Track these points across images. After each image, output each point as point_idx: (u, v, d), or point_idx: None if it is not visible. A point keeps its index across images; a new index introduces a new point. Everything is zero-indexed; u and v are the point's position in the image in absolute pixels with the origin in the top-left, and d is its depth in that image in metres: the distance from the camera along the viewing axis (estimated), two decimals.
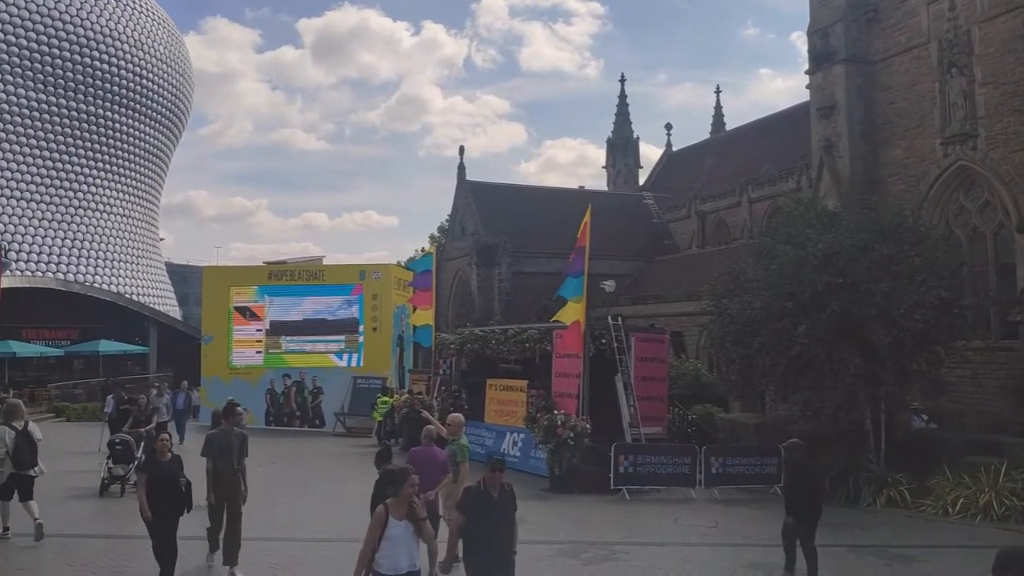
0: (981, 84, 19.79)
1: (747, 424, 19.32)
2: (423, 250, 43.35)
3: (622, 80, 51.49)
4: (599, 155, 55.45)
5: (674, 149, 49.76)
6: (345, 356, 28.18)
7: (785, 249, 16.50)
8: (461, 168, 42.33)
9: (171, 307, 59.86)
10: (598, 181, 54.70)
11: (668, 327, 27.57)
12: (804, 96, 25.07)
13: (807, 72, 24.08)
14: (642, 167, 50.46)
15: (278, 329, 28.89)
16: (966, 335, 16.61)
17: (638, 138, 50.49)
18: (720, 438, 19.06)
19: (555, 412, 16.46)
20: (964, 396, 18.12)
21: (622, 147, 49.98)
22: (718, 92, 51.90)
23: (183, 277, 75.50)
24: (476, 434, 19.19)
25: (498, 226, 38.43)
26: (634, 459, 15.72)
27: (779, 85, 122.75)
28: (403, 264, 43.56)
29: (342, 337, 28.33)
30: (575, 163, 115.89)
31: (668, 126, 50.41)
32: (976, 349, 17.67)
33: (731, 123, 49.09)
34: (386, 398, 23.92)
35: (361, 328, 28.08)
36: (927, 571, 11.04)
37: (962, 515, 13.84)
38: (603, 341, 17.68)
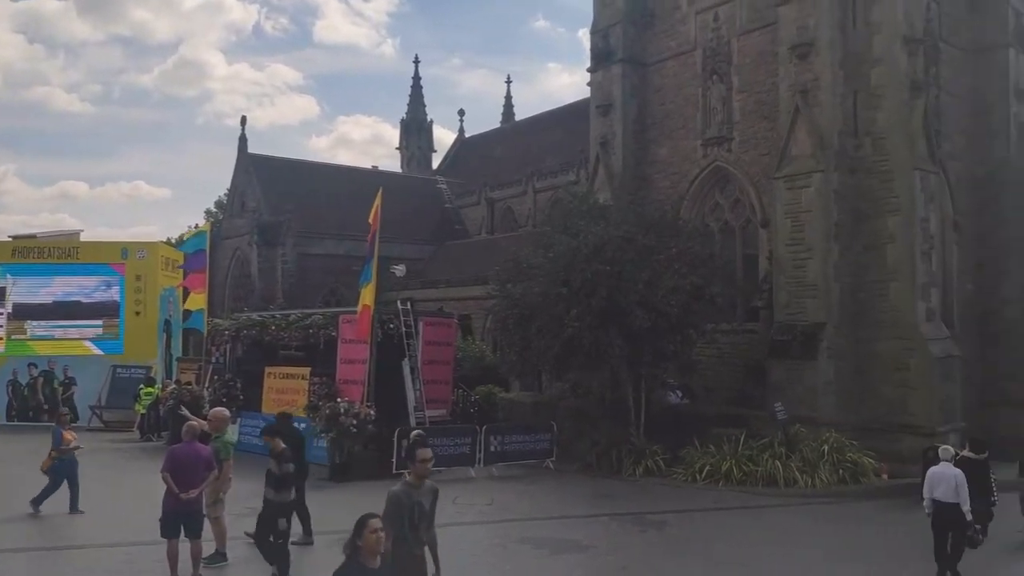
0: (737, 92, 21.88)
1: (525, 402, 20.24)
2: (197, 227, 40.34)
3: (416, 62, 51.23)
4: (394, 135, 54.98)
5: (467, 135, 50.48)
6: (103, 343, 25.68)
7: (561, 238, 17.46)
8: (242, 139, 39.99)
9: None
10: (393, 161, 54.28)
11: (457, 311, 28.01)
12: (587, 92, 26.36)
13: (588, 70, 25.31)
14: (436, 150, 50.74)
15: (23, 313, 25.66)
16: (715, 319, 18.56)
17: (431, 121, 50.72)
18: (500, 417, 19.76)
19: (338, 400, 16.16)
20: (713, 374, 20.12)
21: (416, 129, 49.90)
22: (508, 82, 53.50)
23: None
24: (253, 425, 18.31)
25: (283, 204, 36.76)
26: None
27: (566, 79, 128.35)
28: (172, 242, 40.51)
29: (100, 322, 25.80)
30: (370, 141, 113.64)
31: (461, 112, 51.11)
32: (724, 331, 19.75)
33: (521, 113, 50.70)
34: (150, 389, 22.23)
35: (122, 312, 25.73)
36: (676, 534, 12.23)
37: (707, 481, 15.49)
38: (391, 326, 17.63)
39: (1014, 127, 21.01)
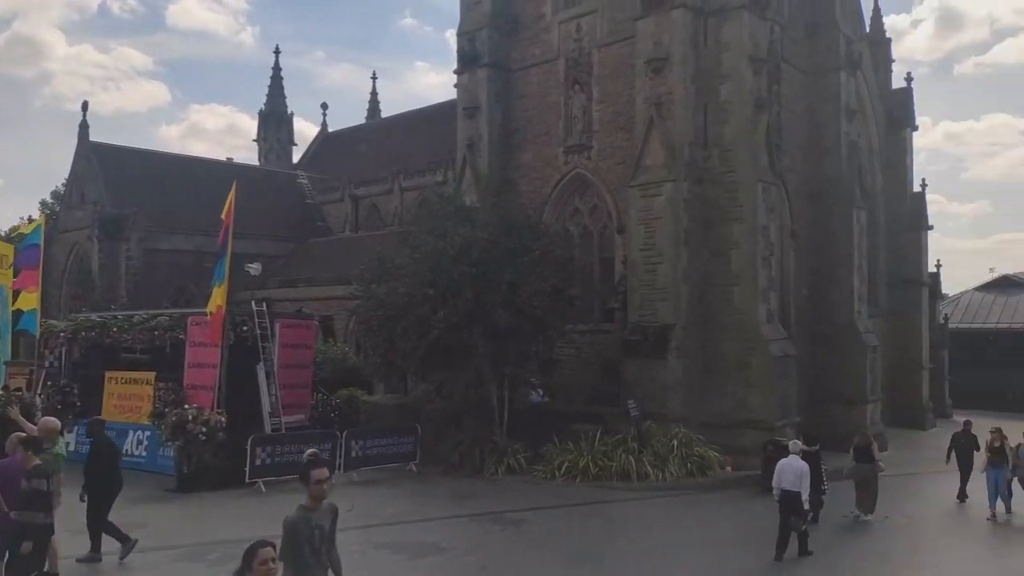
0: (597, 102, 22.57)
1: (388, 405, 20.04)
2: (30, 219, 36.92)
3: (277, 52, 49.34)
4: (252, 126, 52.69)
5: (330, 130, 49.21)
6: None
7: (427, 239, 17.49)
8: (83, 126, 37.03)
9: None
10: (250, 153, 51.72)
11: (318, 311, 27.30)
12: (455, 93, 26.35)
13: (455, 72, 25.36)
14: (296, 144, 49.01)
15: None
16: (574, 319, 19.15)
17: (292, 114, 48.91)
18: (362, 420, 19.47)
19: (186, 406, 15.37)
20: (572, 372, 20.66)
21: (275, 122, 48.06)
22: (374, 79, 52.73)
23: None
24: None
25: (129, 196, 34.29)
26: (272, 450, 15.34)
27: (434, 79, 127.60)
28: (2, 235, 36.94)
29: None
30: (225, 132, 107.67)
31: (324, 105, 49.67)
32: (581, 331, 20.41)
33: (387, 110, 49.99)
34: None
35: None
36: (534, 531, 12.50)
37: (566, 477, 15.95)
38: (245, 328, 16.98)
39: (845, 145, 22.98)
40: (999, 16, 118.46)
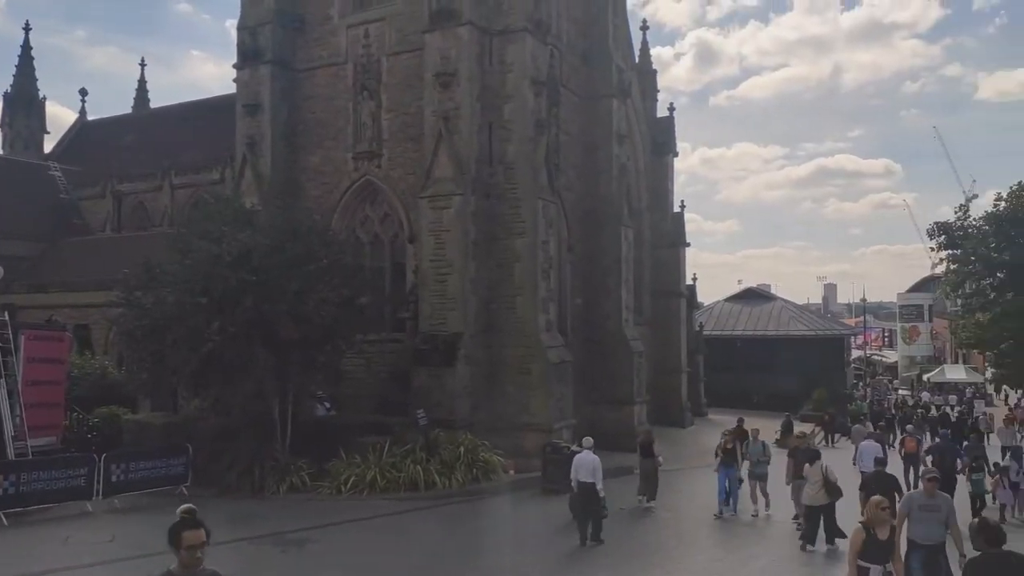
0: (386, 110, 22.43)
1: (155, 424, 18.50)
2: None
3: (27, 28, 43.77)
4: None
5: (90, 118, 44.61)
6: None
7: (200, 244, 16.42)
8: None
9: None
10: None
11: (73, 319, 24.80)
12: (236, 86, 24.94)
13: (235, 66, 24.06)
14: (49, 132, 43.80)
15: None
16: (364, 329, 18.91)
17: (45, 98, 43.66)
18: (126, 441, 17.86)
19: None
20: (361, 383, 20.43)
21: (24, 106, 42.60)
22: (143, 65, 48.20)
23: None
24: None
25: None
26: (17, 478, 13.66)
27: (212, 70, 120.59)
28: None
29: None
30: None
31: (83, 91, 44.93)
32: (371, 341, 20.22)
33: (158, 100, 46.29)
34: None
35: None
36: (316, 550, 12.20)
37: (353, 492, 15.69)
38: None
39: (615, 168, 24.86)
40: (747, 55, 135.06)
